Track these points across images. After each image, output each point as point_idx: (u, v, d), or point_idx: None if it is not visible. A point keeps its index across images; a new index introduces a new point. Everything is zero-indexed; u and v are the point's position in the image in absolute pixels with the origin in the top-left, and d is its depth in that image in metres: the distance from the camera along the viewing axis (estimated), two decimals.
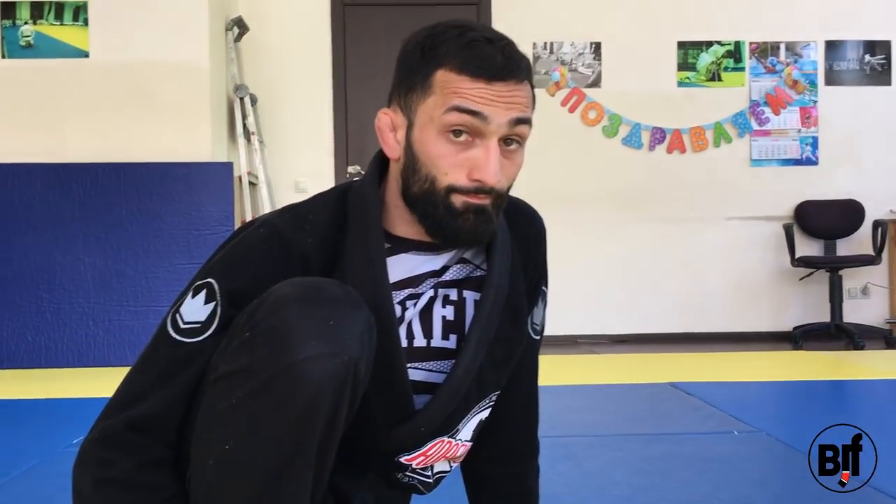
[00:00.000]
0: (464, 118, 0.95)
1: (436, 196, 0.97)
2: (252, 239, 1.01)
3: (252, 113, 4.77)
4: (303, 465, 0.87)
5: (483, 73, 0.95)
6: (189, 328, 0.96)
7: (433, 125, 0.96)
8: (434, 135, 0.96)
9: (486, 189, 0.96)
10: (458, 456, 1.14)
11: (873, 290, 5.34)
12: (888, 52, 5.37)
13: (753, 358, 4.40)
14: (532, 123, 1.00)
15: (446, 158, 0.96)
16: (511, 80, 0.96)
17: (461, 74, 0.95)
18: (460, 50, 0.96)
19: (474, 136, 0.96)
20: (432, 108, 0.96)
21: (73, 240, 4.17)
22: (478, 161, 0.96)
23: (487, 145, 0.96)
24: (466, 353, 1.03)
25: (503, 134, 0.96)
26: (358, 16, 5.23)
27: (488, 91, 0.95)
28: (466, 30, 0.97)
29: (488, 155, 0.95)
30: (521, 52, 0.99)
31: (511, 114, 0.96)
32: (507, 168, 0.99)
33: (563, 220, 5.14)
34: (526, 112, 0.98)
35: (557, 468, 1.99)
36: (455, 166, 0.96)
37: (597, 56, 5.30)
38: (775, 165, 5.35)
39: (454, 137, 0.96)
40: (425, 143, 0.97)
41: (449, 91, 0.95)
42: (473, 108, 0.94)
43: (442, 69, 0.96)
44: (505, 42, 0.98)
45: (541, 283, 1.19)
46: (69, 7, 4.38)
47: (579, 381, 3.47)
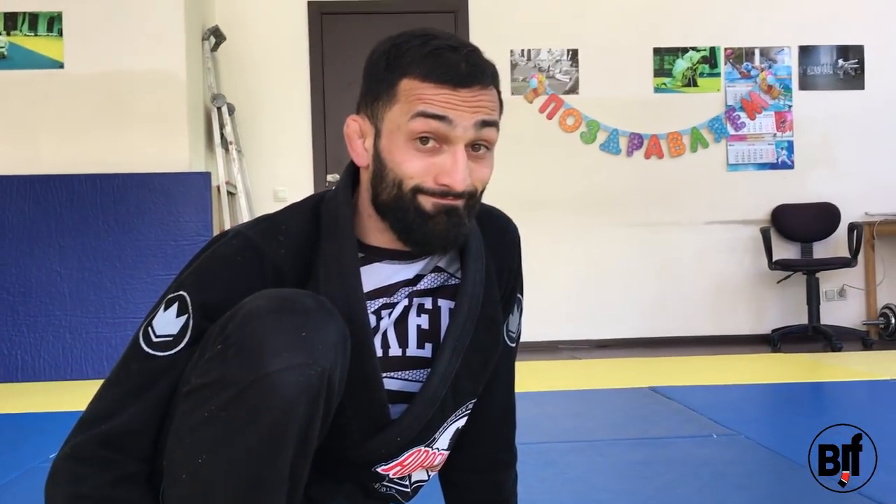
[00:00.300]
0: (430, 124, 0.95)
1: (404, 200, 0.97)
2: (225, 250, 1.00)
3: (230, 122, 4.75)
4: (277, 478, 0.86)
5: (447, 80, 0.95)
6: (161, 342, 0.95)
7: (400, 133, 0.97)
8: (401, 142, 0.97)
9: (453, 193, 0.96)
10: (435, 465, 1.14)
11: (850, 292, 5.40)
12: (861, 57, 5.44)
13: (732, 361, 4.42)
14: (499, 128, 1.00)
15: (413, 164, 0.96)
16: (476, 86, 0.96)
17: (425, 82, 0.95)
18: (424, 58, 0.96)
19: (441, 142, 0.96)
20: (398, 116, 0.96)
21: (49, 251, 4.13)
22: (445, 166, 0.96)
23: (454, 150, 0.96)
24: (441, 361, 1.03)
25: (470, 139, 0.97)
26: (335, 24, 5.23)
27: (453, 97, 0.95)
28: (430, 38, 0.98)
29: (455, 160, 0.96)
30: (486, 59, 1.00)
31: (476, 117, 0.96)
32: (477, 171, 0.99)
33: (542, 226, 5.17)
34: (492, 115, 0.98)
35: (538, 474, 1.99)
36: (422, 171, 0.96)
37: (574, 63, 5.33)
38: (752, 170, 5.40)
39: (421, 145, 0.96)
40: (392, 151, 0.97)
41: (413, 97, 0.95)
42: (438, 112, 0.94)
43: (406, 78, 0.96)
44: (469, 49, 0.98)
45: (516, 291, 1.19)
46: (43, 18, 4.35)
47: (560, 387, 3.47)
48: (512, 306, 1.19)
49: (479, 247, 1.09)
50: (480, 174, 1.00)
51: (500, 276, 1.14)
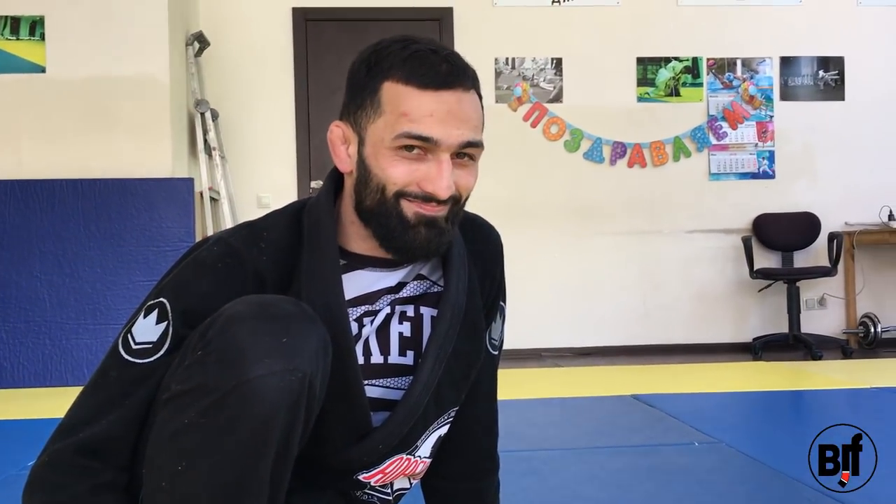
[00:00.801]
0: (414, 142, 0.96)
1: (387, 205, 0.98)
2: (206, 257, 1.00)
3: (213, 128, 4.74)
4: (258, 485, 0.86)
5: (430, 83, 0.96)
6: (141, 349, 0.95)
7: (384, 145, 0.97)
8: (386, 152, 0.97)
9: (437, 200, 0.97)
10: (417, 473, 1.14)
11: (830, 301, 5.44)
12: (841, 68, 5.50)
13: (714, 369, 4.45)
14: (483, 146, 1.01)
15: (398, 170, 0.97)
16: (458, 88, 0.97)
17: (408, 85, 0.96)
18: (405, 61, 0.97)
19: (426, 151, 0.97)
20: (382, 130, 0.97)
21: (30, 257, 4.10)
22: (429, 174, 0.97)
23: (439, 160, 0.97)
24: (424, 369, 1.03)
25: (455, 151, 0.98)
26: (320, 31, 5.23)
27: (437, 105, 0.95)
28: (410, 42, 0.99)
29: (440, 168, 0.97)
30: (466, 62, 1.01)
31: (461, 136, 0.97)
32: (462, 179, 1.00)
33: (526, 234, 5.18)
34: (476, 135, 0.99)
35: (520, 483, 1.99)
36: (406, 176, 0.97)
37: (558, 71, 5.36)
38: (733, 179, 5.44)
39: (406, 153, 0.97)
40: (377, 157, 0.98)
41: (399, 113, 0.96)
42: (423, 134, 0.95)
43: (388, 81, 0.97)
44: (448, 52, 1.00)
45: (499, 299, 1.19)
46: (25, 22, 4.32)
47: (543, 395, 3.48)
48: (495, 314, 1.19)
49: (462, 255, 1.09)
50: (465, 182, 1.00)
51: (483, 284, 1.14)
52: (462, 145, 0.97)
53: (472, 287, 1.10)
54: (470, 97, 0.99)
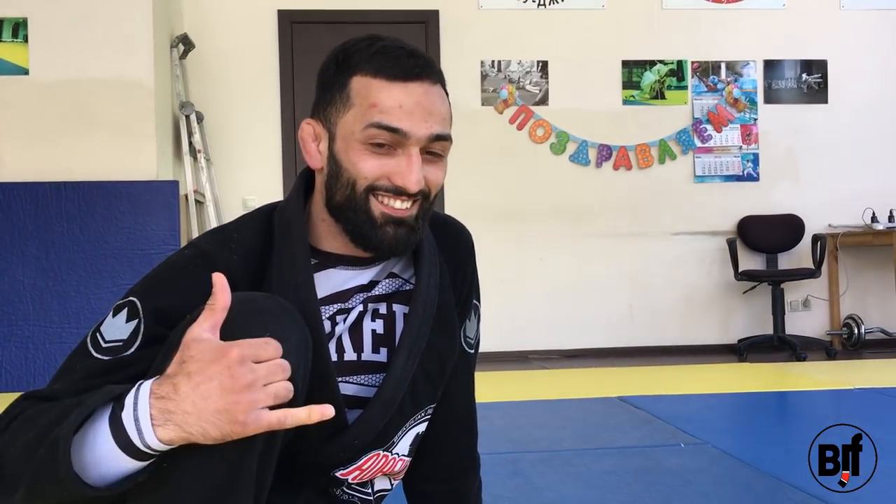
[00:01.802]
0: (383, 134, 0.97)
1: (357, 200, 0.99)
2: (176, 260, 1.01)
3: (198, 130, 4.72)
4: (242, 483, 0.86)
5: (397, 74, 0.98)
6: (111, 346, 0.92)
7: (354, 139, 0.99)
8: (356, 146, 0.99)
9: (407, 193, 0.98)
10: (396, 471, 1.14)
11: (814, 303, 5.48)
12: (824, 72, 5.54)
13: (699, 370, 4.47)
14: (452, 140, 1.02)
15: (368, 164, 0.98)
16: (426, 80, 0.99)
17: (376, 78, 0.98)
18: (373, 56, 0.99)
19: (396, 146, 0.98)
20: (352, 123, 0.98)
21: (12, 260, 4.06)
22: (399, 168, 0.98)
23: (409, 153, 0.98)
24: (397, 364, 1.04)
25: (423, 146, 0.99)
26: (305, 33, 5.22)
27: (405, 96, 0.97)
28: (376, 39, 1.01)
29: (410, 162, 0.98)
30: (431, 58, 1.03)
31: (430, 129, 0.98)
32: (432, 174, 1.01)
33: (512, 236, 5.19)
34: (445, 128, 1.00)
35: (507, 484, 1.99)
36: (376, 170, 0.98)
37: (544, 74, 5.37)
38: (718, 181, 5.47)
39: (376, 148, 0.98)
40: (347, 152, 0.99)
41: (367, 105, 0.97)
42: (392, 124, 0.96)
43: (357, 75, 0.99)
44: (414, 48, 1.02)
45: (472, 297, 1.20)
46: (8, 24, 4.29)
47: (529, 397, 3.48)
48: (469, 312, 1.20)
49: (433, 252, 1.10)
50: (434, 177, 1.02)
51: (455, 281, 1.16)
52: (431, 138, 0.98)
53: (444, 284, 1.11)
54: (437, 90, 1.01)
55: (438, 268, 1.10)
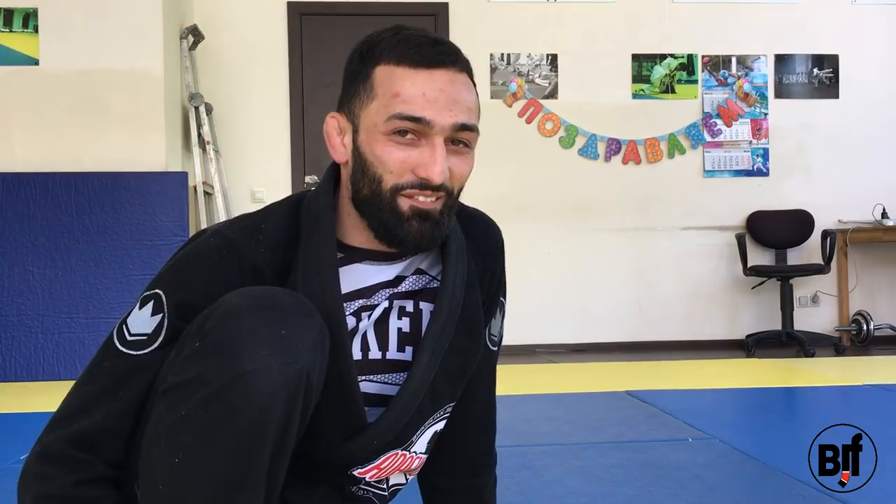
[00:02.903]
0: (407, 124, 0.95)
1: (381, 198, 0.97)
2: (202, 249, 0.99)
3: (207, 122, 4.72)
4: (255, 478, 0.85)
5: (421, 61, 0.96)
6: (135, 340, 0.94)
7: (377, 130, 0.97)
8: (380, 137, 0.97)
9: (432, 186, 0.96)
10: (412, 468, 1.13)
11: (823, 299, 5.46)
12: (835, 66, 5.51)
13: (707, 366, 4.46)
14: (479, 131, 1.00)
15: (392, 157, 0.96)
16: (451, 68, 0.97)
17: (399, 66, 0.96)
18: (396, 45, 0.97)
19: (420, 136, 0.96)
20: (375, 114, 0.97)
21: (22, 250, 4.08)
22: (423, 159, 0.96)
23: (433, 143, 0.96)
24: (420, 365, 1.02)
25: (448, 135, 0.97)
26: (314, 25, 5.21)
27: (429, 83, 0.95)
28: (401, 29, 1.00)
29: (434, 153, 0.96)
30: (457, 47, 1.01)
31: (455, 118, 0.96)
32: (457, 167, 0.99)
33: (520, 230, 5.18)
34: (470, 118, 0.98)
35: (515, 477, 1.99)
36: (401, 163, 0.96)
37: (553, 68, 5.36)
38: (727, 176, 5.45)
39: (399, 137, 0.96)
40: (371, 145, 0.98)
41: (390, 95, 0.95)
42: (415, 114, 0.94)
43: (381, 65, 0.97)
44: (440, 36, 1.00)
45: (499, 294, 1.18)
46: (18, 14, 4.30)
47: (537, 391, 3.48)
48: (494, 310, 1.18)
49: (461, 250, 1.08)
50: (460, 170, 0.99)
51: (483, 279, 1.13)
52: (456, 128, 0.96)
53: (471, 282, 1.09)
54: (463, 79, 0.98)
55: (466, 266, 1.08)
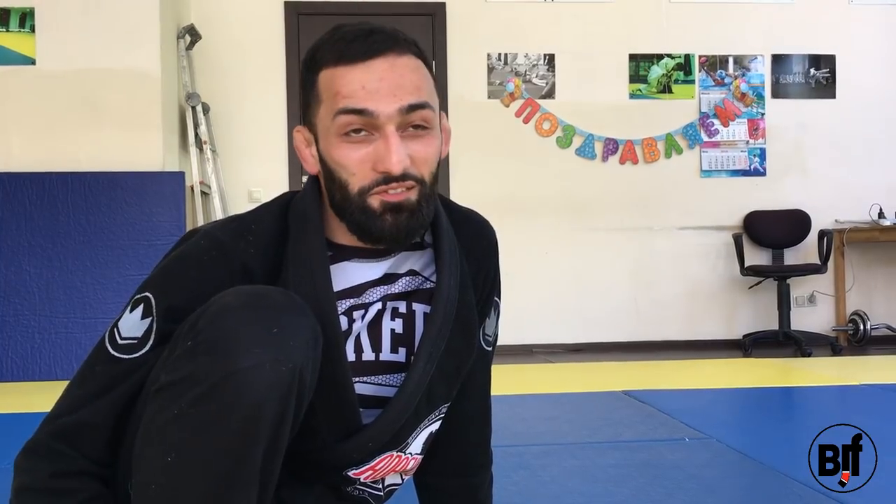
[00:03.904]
0: (352, 119, 0.94)
1: (352, 201, 0.97)
2: (192, 251, 0.99)
3: (204, 122, 4.72)
4: (248, 476, 0.85)
5: (356, 55, 0.95)
6: (126, 344, 0.95)
7: (330, 134, 0.97)
8: (334, 141, 0.96)
9: (395, 177, 0.95)
10: (408, 469, 1.13)
11: (819, 299, 5.47)
12: (832, 66, 5.52)
13: (704, 365, 4.46)
14: (434, 106, 0.98)
15: (350, 158, 0.96)
16: (389, 54, 0.95)
17: (338, 66, 0.95)
18: (332, 46, 0.97)
19: (371, 129, 0.95)
20: (325, 117, 0.97)
21: (18, 250, 4.07)
22: (379, 152, 0.95)
23: (385, 134, 0.95)
24: (416, 368, 1.02)
25: (398, 122, 0.95)
26: (312, 25, 5.21)
27: (368, 75, 0.94)
28: (338, 29, 0.99)
29: (388, 143, 0.94)
30: (399, 31, 0.99)
31: (400, 101, 0.94)
32: (419, 151, 0.97)
33: (518, 230, 5.18)
34: (419, 97, 0.96)
35: (512, 477, 1.99)
36: (359, 164, 0.96)
37: (550, 67, 5.36)
38: (724, 176, 5.45)
39: (352, 136, 0.96)
40: (330, 151, 0.97)
41: (333, 95, 0.95)
42: (357, 106, 0.94)
43: (323, 70, 0.97)
44: (379, 25, 0.98)
45: (493, 295, 1.18)
46: (15, 13, 4.29)
47: (534, 391, 3.48)
48: (489, 310, 1.18)
49: (454, 251, 1.07)
50: (423, 153, 0.97)
51: (476, 279, 1.13)
52: (403, 111, 0.94)
53: (465, 283, 1.09)
54: (405, 61, 0.96)
55: (459, 267, 1.07)
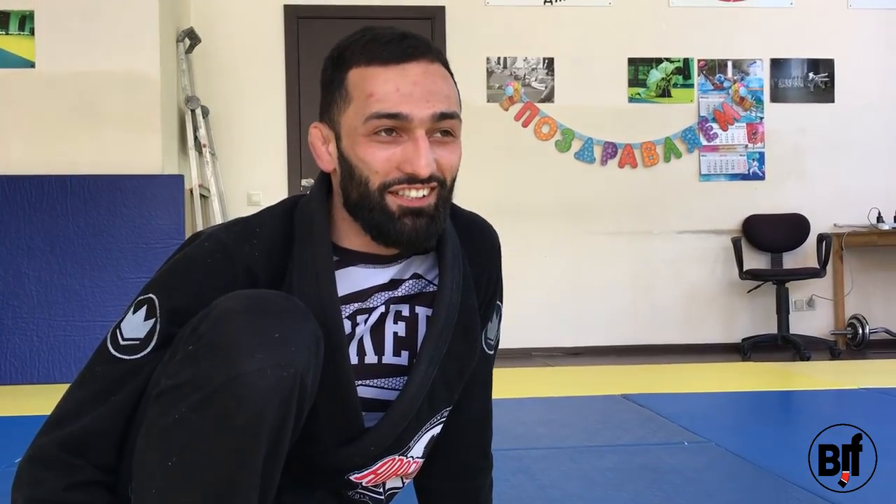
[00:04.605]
0: (384, 123, 0.95)
1: (371, 199, 0.97)
2: (196, 253, 0.99)
3: (204, 125, 4.72)
4: (249, 480, 0.85)
5: (391, 57, 0.95)
6: (128, 345, 0.95)
7: (357, 133, 0.97)
8: (362, 140, 0.97)
9: (420, 179, 0.95)
10: (409, 473, 1.13)
11: (818, 302, 5.47)
12: (831, 71, 5.53)
13: (703, 369, 4.46)
14: (460, 118, 0.99)
15: (377, 156, 0.96)
16: (422, 60, 0.96)
17: (370, 66, 0.96)
18: (364, 46, 0.97)
19: (401, 132, 0.96)
20: (354, 118, 0.97)
21: (17, 253, 4.07)
22: (407, 155, 0.95)
23: (415, 137, 0.95)
24: (418, 372, 1.02)
25: (429, 127, 0.96)
26: (311, 28, 5.21)
27: (402, 78, 0.95)
28: (368, 30, 0.99)
29: (417, 147, 0.95)
30: (427, 39, 1.00)
31: (433, 108, 0.95)
32: (444, 157, 0.98)
33: (517, 234, 5.18)
34: (449, 106, 0.97)
35: (511, 481, 1.99)
36: (385, 162, 0.96)
37: (550, 71, 5.36)
38: (723, 180, 5.46)
39: (381, 136, 0.96)
40: (354, 149, 0.97)
41: (365, 96, 0.95)
42: (392, 111, 0.94)
43: (353, 69, 0.97)
44: (408, 31, 0.99)
45: (495, 298, 1.18)
46: (14, 16, 4.29)
47: (533, 394, 3.48)
48: (491, 314, 1.18)
49: (457, 254, 1.07)
50: (448, 160, 0.98)
51: (479, 283, 1.13)
52: (435, 118, 0.95)
53: (468, 286, 1.09)
54: (436, 68, 0.98)
55: (462, 270, 1.07)
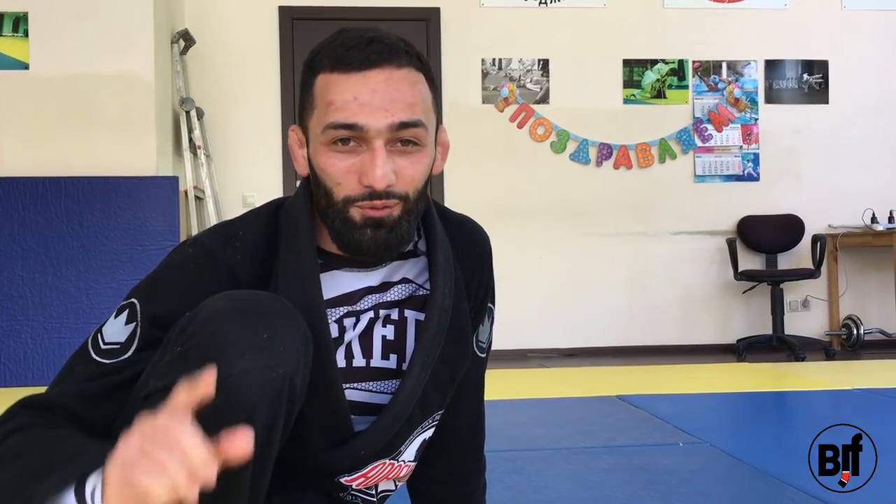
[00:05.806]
0: (341, 133, 0.93)
1: (334, 209, 0.96)
2: (179, 259, 0.99)
3: (198, 126, 4.71)
4: (238, 483, 0.85)
5: (353, 64, 0.93)
6: (109, 349, 0.94)
7: (318, 141, 0.96)
8: (322, 148, 0.95)
9: (379, 194, 0.94)
10: (401, 476, 1.12)
11: (813, 303, 5.48)
12: (825, 72, 5.54)
13: (698, 370, 4.47)
14: (426, 126, 0.96)
15: (336, 166, 0.95)
16: (386, 66, 0.93)
17: (333, 72, 0.94)
18: (332, 51, 0.95)
19: (360, 141, 0.94)
20: (316, 125, 0.96)
21: (11, 255, 4.06)
22: (364, 166, 0.93)
23: (373, 148, 0.93)
24: (411, 377, 1.01)
25: (387, 138, 0.93)
26: (306, 30, 5.21)
27: (361, 86, 0.92)
28: (342, 32, 0.97)
29: (373, 158, 0.93)
30: (403, 42, 0.97)
31: (391, 118, 0.92)
32: (406, 168, 0.95)
33: (512, 235, 5.18)
34: (413, 114, 0.93)
35: (506, 482, 1.99)
36: (345, 174, 0.95)
37: (545, 73, 5.37)
38: (718, 181, 5.47)
39: (341, 146, 0.94)
40: (317, 157, 0.96)
41: (326, 104, 0.94)
42: (347, 121, 0.92)
43: (320, 74, 0.96)
44: (384, 34, 0.96)
45: (486, 301, 1.17)
46: (8, 18, 4.28)
47: (528, 395, 3.48)
48: (482, 316, 1.17)
49: (448, 258, 1.06)
50: (410, 171, 0.95)
51: (470, 286, 1.12)
52: (393, 128, 0.92)
53: (459, 290, 1.08)
54: (403, 74, 0.94)
55: (453, 273, 1.06)
